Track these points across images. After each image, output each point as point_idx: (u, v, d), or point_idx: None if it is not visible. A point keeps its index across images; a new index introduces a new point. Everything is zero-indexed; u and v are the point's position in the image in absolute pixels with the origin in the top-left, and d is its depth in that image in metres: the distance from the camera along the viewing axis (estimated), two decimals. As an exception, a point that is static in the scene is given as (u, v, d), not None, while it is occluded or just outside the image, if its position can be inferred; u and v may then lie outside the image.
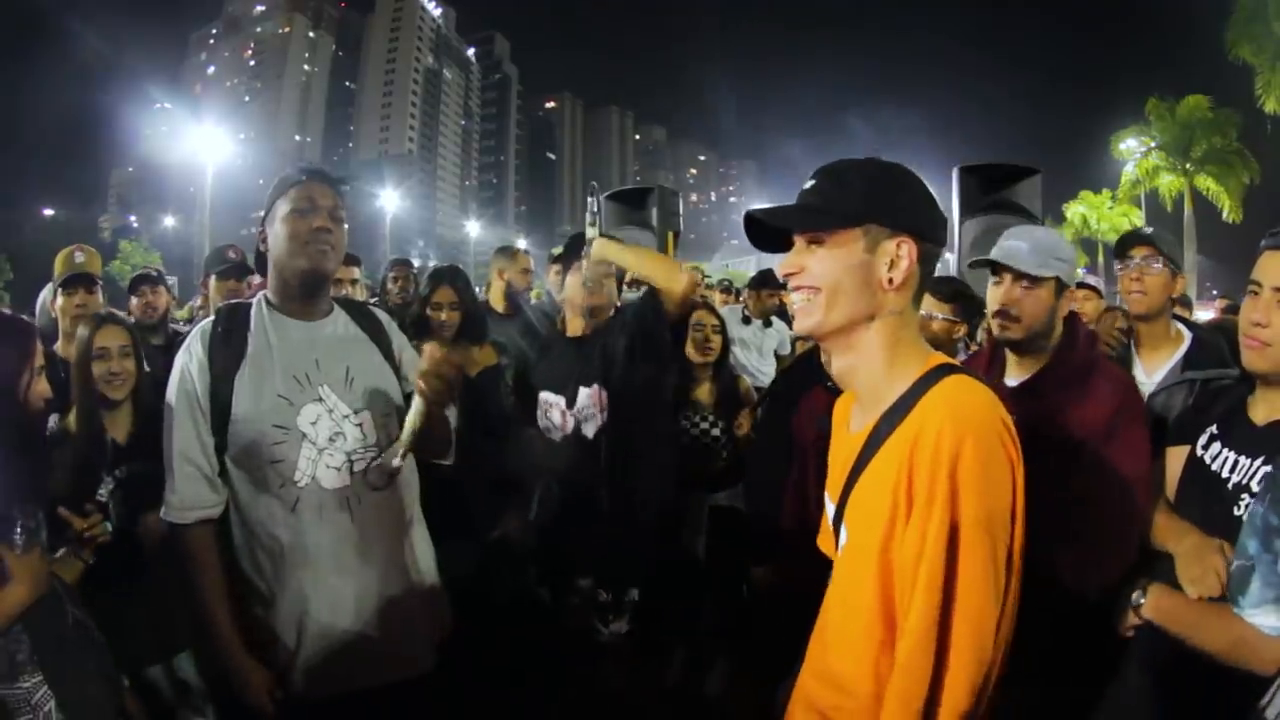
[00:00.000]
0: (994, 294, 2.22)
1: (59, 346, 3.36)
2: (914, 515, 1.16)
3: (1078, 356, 2.22)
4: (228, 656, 1.92)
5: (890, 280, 1.28)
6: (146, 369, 2.79)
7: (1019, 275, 2.16)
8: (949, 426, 1.14)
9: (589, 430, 2.82)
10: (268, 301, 2.08)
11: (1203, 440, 1.86)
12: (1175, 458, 1.97)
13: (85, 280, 3.44)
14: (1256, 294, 1.72)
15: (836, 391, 2.84)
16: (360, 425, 2.03)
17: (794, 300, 1.37)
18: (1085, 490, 1.94)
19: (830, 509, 1.43)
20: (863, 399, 1.38)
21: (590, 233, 2.73)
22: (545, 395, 2.90)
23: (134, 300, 4.43)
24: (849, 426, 1.44)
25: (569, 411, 2.85)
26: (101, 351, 2.63)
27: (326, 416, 2.00)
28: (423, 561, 2.17)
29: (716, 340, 3.68)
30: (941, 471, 1.13)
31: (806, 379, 3.02)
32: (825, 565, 1.52)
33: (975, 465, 1.13)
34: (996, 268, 2.21)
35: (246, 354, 1.99)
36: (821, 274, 1.30)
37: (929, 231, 1.32)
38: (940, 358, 1.32)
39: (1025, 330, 2.17)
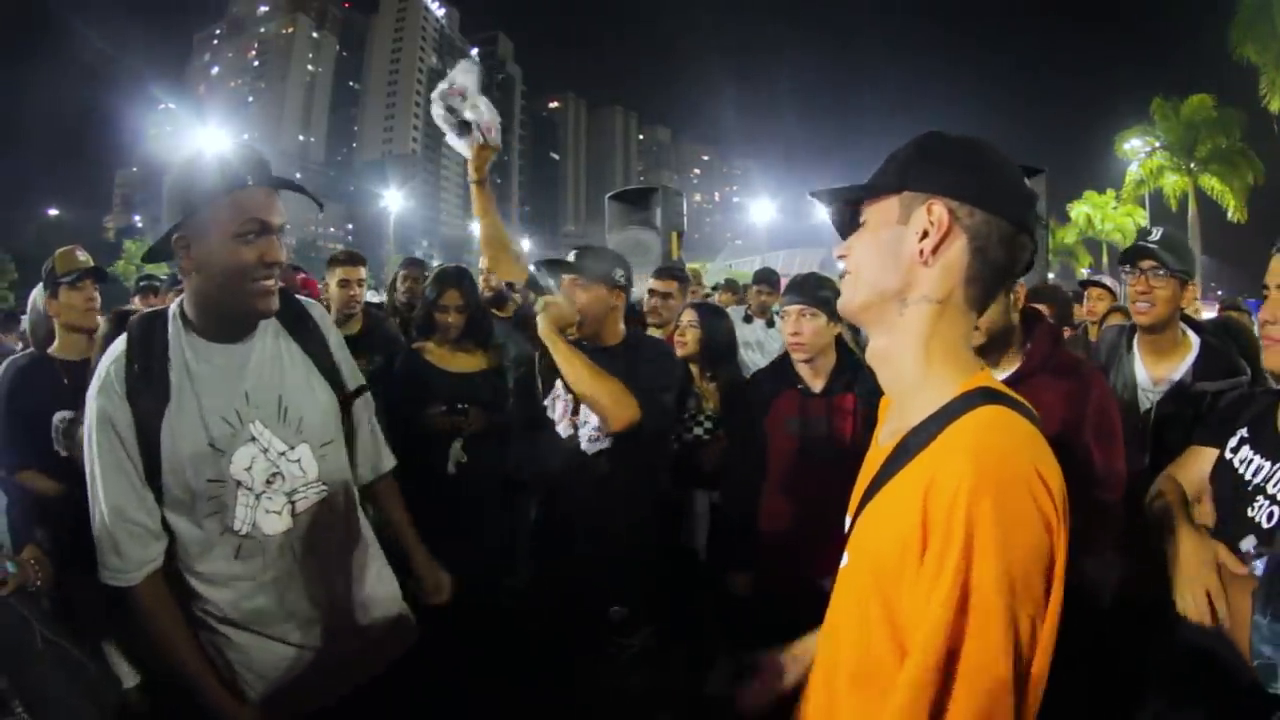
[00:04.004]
0: None
1: (55, 348, 3.27)
2: (926, 563, 0.97)
3: (1048, 356, 2.29)
4: (214, 701, 1.77)
5: (920, 251, 1.08)
6: None
7: None
8: (968, 479, 0.94)
9: (590, 447, 2.79)
10: (184, 319, 1.80)
11: (1232, 443, 1.89)
12: (1204, 458, 1.99)
13: (94, 274, 3.31)
14: (1267, 296, 1.78)
15: (809, 394, 2.90)
16: (299, 461, 1.86)
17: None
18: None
19: (847, 522, 1.25)
20: (893, 403, 1.21)
21: (544, 312, 2.64)
22: (560, 388, 2.86)
23: (135, 300, 4.50)
24: (879, 436, 1.25)
25: (573, 416, 2.83)
26: None
27: (261, 457, 1.80)
28: (369, 574, 2.05)
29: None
30: (956, 534, 0.93)
31: (779, 382, 3.01)
32: (804, 574, 1.52)
33: (995, 529, 0.92)
34: None
35: (170, 394, 1.74)
36: (857, 250, 1.17)
37: (978, 196, 1.08)
38: (984, 378, 1.10)
39: (985, 335, 2.24)
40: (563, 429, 2.83)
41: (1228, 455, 1.88)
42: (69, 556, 2.75)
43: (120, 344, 1.78)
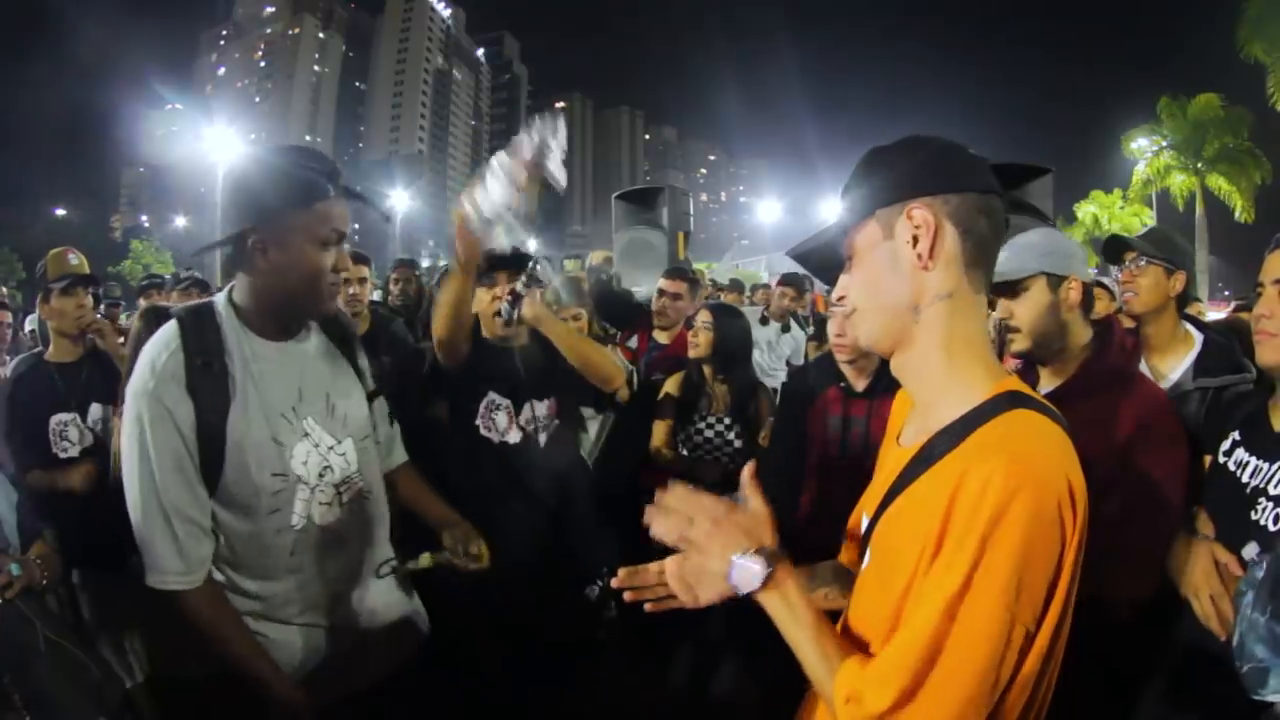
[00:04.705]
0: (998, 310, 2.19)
1: (50, 353, 3.33)
2: (937, 564, 0.98)
3: (1106, 366, 2.16)
4: (280, 691, 1.75)
5: (919, 256, 1.09)
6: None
7: (1001, 285, 2.12)
8: (1000, 477, 0.94)
9: (542, 439, 2.87)
10: (236, 311, 1.82)
11: (1225, 446, 1.87)
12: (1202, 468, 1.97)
13: (86, 281, 3.34)
14: (1261, 293, 1.77)
15: (851, 392, 2.91)
16: (344, 455, 1.92)
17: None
18: (1110, 506, 1.85)
19: (864, 522, 1.25)
20: (917, 406, 1.21)
21: (528, 295, 2.71)
22: (494, 396, 2.83)
23: (175, 295, 4.65)
24: (899, 437, 1.27)
25: (517, 420, 2.85)
26: None
27: (314, 452, 1.85)
28: (390, 581, 2.08)
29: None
30: (977, 527, 0.94)
31: (824, 379, 3.04)
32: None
33: (1018, 531, 0.93)
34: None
35: (235, 391, 1.74)
36: (855, 286, 1.18)
37: (945, 183, 1.10)
38: (1013, 382, 1.11)
39: (1029, 337, 2.12)
40: (512, 437, 2.84)
41: (1221, 459, 1.86)
42: (77, 554, 2.78)
43: (172, 336, 1.74)
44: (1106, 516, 1.79)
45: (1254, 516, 1.67)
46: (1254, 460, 1.76)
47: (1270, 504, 1.65)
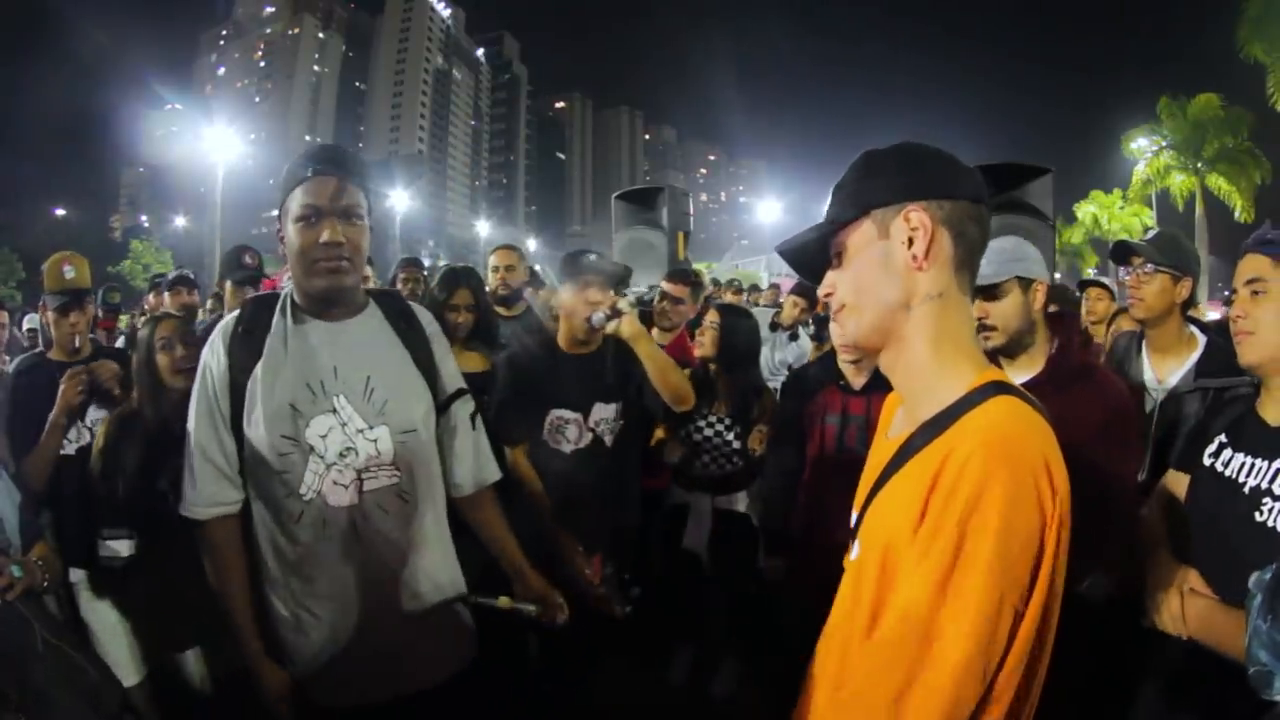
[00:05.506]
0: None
1: (53, 352, 3.37)
2: (917, 549, 1.00)
3: (1071, 361, 2.29)
4: (247, 655, 1.88)
5: (914, 257, 1.12)
6: None
7: (980, 289, 2.22)
8: (978, 459, 0.96)
9: (609, 440, 2.98)
10: (293, 299, 1.96)
11: (1211, 449, 1.85)
12: (1181, 481, 1.95)
13: (77, 300, 3.35)
14: (1236, 294, 1.81)
15: (849, 390, 2.92)
16: (375, 441, 1.90)
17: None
18: (1080, 495, 1.89)
19: (854, 516, 1.28)
20: (905, 401, 1.24)
21: (628, 309, 2.83)
22: (559, 413, 2.92)
23: (166, 296, 4.63)
24: (888, 431, 1.31)
25: (585, 425, 2.94)
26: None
27: (339, 430, 1.87)
28: (438, 579, 2.04)
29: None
30: (954, 508, 0.96)
31: (824, 377, 3.08)
32: (837, 561, 1.52)
33: (996, 512, 0.94)
34: None
35: (262, 353, 1.87)
36: (845, 283, 1.20)
37: (942, 189, 1.14)
38: (995, 374, 1.13)
39: (1005, 335, 2.26)
40: (584, 444, 2.94)
41: (1207, 461, 1.84)
42: (76, 553, 2.78)
43: (235, 314, 2.01)
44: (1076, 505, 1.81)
45: (1259, 519, 1.63)
46: (1247, 459, 1.73)
47: (1278, 504, 1.62)
